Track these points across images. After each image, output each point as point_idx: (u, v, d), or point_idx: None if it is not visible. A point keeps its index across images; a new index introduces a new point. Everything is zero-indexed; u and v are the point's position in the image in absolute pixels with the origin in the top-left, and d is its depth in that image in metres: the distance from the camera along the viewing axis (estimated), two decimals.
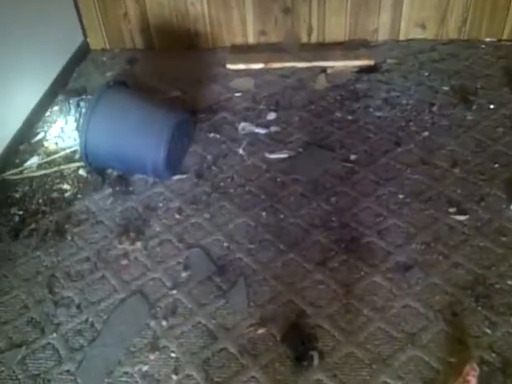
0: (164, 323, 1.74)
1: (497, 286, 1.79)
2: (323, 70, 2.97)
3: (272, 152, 2.43)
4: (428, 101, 2.68)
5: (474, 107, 2.62)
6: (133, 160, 2.20)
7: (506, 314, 1.70)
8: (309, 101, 2.76)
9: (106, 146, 2.19)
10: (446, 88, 2.76)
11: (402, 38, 3.18)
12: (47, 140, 2.58)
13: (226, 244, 2.00)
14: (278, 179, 2.29)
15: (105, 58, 3.23)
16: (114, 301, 1.83)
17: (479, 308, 1.73)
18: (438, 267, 1.87)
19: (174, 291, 1.85)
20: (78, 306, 1.83)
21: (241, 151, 2.45)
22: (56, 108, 2.81)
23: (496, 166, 2.28)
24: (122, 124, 2.18)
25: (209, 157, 2.43)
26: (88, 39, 3.29)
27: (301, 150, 2.43)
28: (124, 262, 1.96)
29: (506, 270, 1.84)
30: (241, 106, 2.75)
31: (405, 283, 1.82)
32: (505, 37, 3.15)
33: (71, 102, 2.69)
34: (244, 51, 3.17)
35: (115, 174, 2.35)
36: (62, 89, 2.94)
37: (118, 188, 2.27)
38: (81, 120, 2.23)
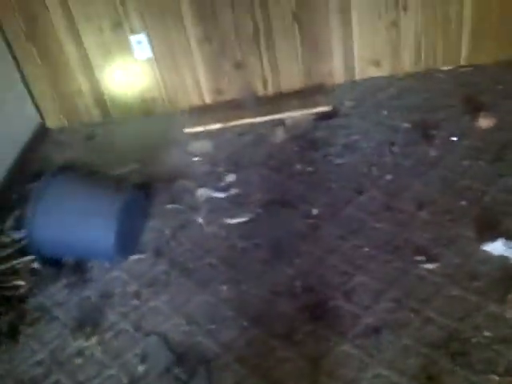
0: None
1: (473, 340, 1.65)
2: (281, 121, 2.92)
3: (232, 216, 2.34)
4: (389, 141, 2.60)
5: (437, 141, 2.54)
6: (83, 248, 2.11)
7: (486, 371, 1.56)
8: (268, 156, 2.68)
9: (54, 235, 2.11)
10: (406, 125, 2.68)
11: (357, 77, 3.14)
12: (2, 233, 2.50)
13: (185, 327, 1.88)
14: (238, 246, 2.19)
15: (63, 137, 3.20)
16: None
17: (457, 368, 1.59)
18: (408, 326, 1.74)
19: None
20: None
21: (200, 220, 2.36)
22: (14, 196, 2.75)
23: (463, 203, 2.17)
24: (69, 212, 2.11)
25: (167, 231, 2.33)
26: (45, 120, 3.27)
27: (260, 210, 2.34)
28: (78, 360, 1.85)
29: (482, 320, 1.71)
30: (200, 171, 2.68)
31: (375, 349, 1.69)
32: (462, 62, 3.10)
33: (28, 188, 2.64)
34: (201, 112, 3.13)
35: (71, 262, 2.25)
36: (19, 175, 2.89)
37: (73, 277, 2.17)
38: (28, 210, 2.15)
